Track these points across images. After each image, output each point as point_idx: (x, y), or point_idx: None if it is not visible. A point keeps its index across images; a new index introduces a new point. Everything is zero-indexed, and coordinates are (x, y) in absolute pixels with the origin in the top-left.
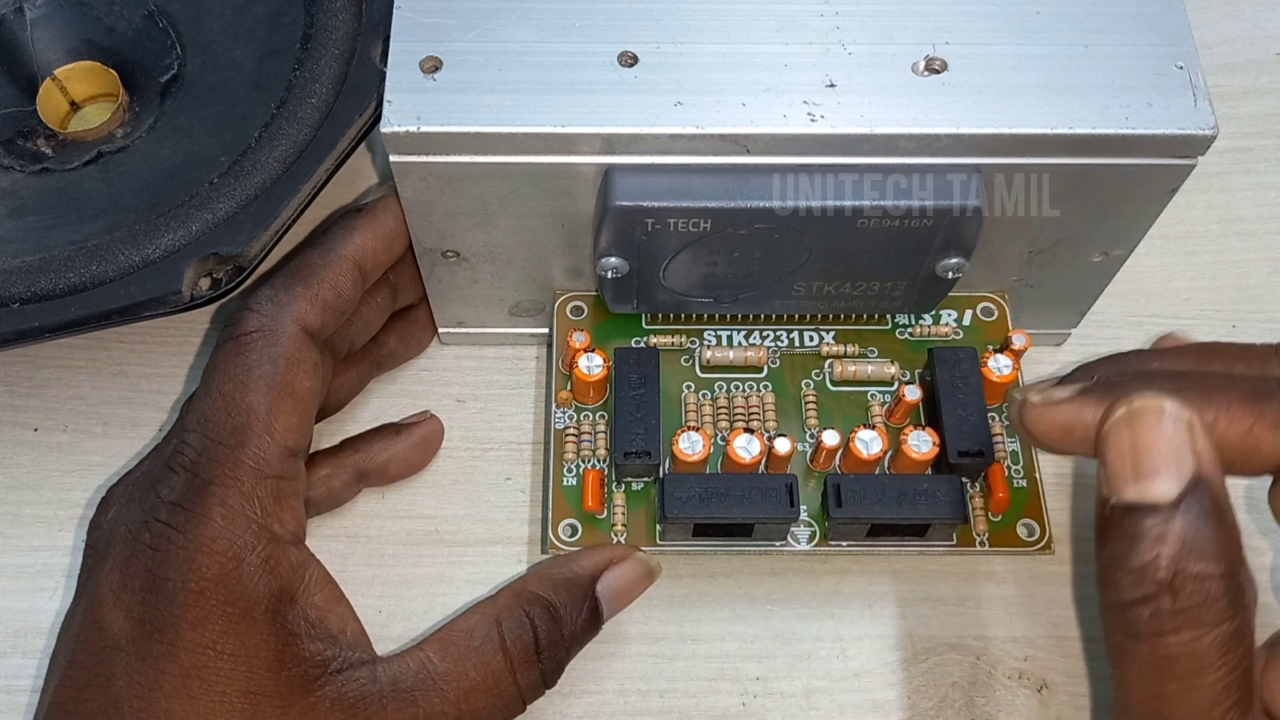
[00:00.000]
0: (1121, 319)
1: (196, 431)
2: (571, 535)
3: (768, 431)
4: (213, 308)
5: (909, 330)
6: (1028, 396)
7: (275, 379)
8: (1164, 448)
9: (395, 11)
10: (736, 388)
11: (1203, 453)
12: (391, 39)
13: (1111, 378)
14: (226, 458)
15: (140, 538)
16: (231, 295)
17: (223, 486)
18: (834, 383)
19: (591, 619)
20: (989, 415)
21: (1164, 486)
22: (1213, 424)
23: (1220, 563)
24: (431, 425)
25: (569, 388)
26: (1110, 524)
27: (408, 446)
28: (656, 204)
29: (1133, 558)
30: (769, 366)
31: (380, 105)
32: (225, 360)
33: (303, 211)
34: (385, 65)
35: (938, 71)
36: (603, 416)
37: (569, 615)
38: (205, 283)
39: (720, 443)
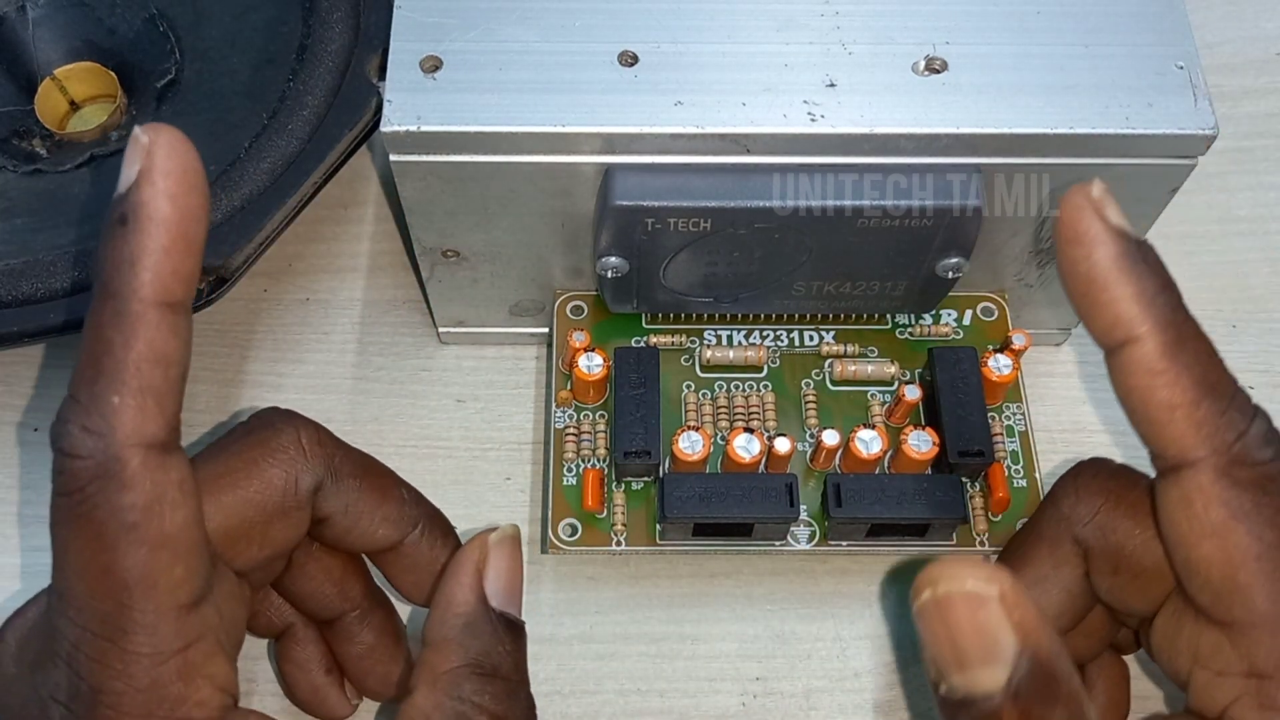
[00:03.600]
0: None
1: (67, 617)
2: (571, 535)
3: (768, 431)
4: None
5: (909, 330)
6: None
7: (136, 537)
8: (979, 636)
9: (395, 11)
10: (736, 387)
11: (1023, 623)
12: (392, 38)
13: None
14: (108, 654)
15: None
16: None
17: (113, 694)
18: (834, 382)
19: (514, 636)
20: (989, 415)
21: (988, 675)
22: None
23: None
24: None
25: (569, 387)
26: (945, 707)
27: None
28: (656, 203)
29: None
30: (769, 366)
31: (371, 121)
32: (65, 529)
33: (288, 225)
34: (379, 80)
35: (938, 71)
36: (603, 416)
37: (498, 658)
38: None
39: (720, 442)
